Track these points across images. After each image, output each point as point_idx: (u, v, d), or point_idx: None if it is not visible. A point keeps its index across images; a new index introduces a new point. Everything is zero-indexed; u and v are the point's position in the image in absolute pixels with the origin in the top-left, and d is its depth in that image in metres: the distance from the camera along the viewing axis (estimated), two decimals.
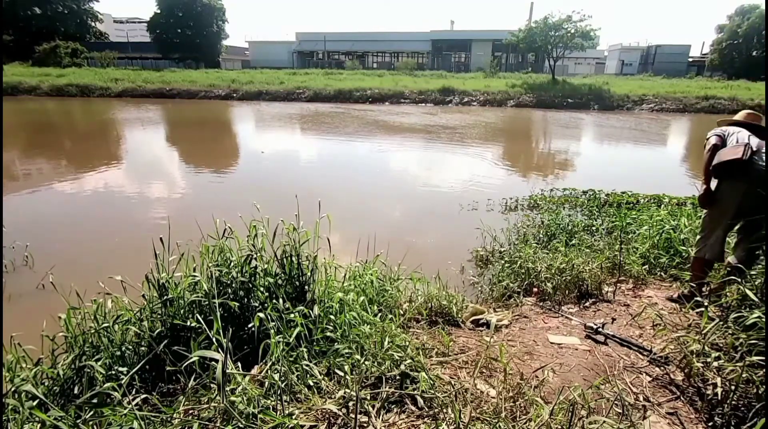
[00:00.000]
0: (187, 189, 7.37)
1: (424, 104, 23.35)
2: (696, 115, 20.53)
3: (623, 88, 24.41)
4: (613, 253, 3.65)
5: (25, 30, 38.70)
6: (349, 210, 6.09)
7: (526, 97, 23.44)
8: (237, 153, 11.34)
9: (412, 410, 1.74)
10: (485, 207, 6.17)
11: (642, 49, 46.89)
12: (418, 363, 1.94)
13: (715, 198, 2.79)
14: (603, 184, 6.60)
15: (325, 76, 30.09)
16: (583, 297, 3.21)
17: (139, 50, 45.30)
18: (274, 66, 41.25)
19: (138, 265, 2.21)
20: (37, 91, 24.75)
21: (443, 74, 32.71)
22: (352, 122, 16.53)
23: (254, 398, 1.62)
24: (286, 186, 7.25)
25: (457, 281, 3.78)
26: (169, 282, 2.08)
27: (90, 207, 6.34)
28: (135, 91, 25.24)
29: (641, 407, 1.92)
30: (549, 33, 24.61)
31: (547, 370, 2.15)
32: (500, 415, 1.66)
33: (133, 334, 2.02)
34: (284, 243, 2.35)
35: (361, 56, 47.26)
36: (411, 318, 2.68)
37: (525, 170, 9.45)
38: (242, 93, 25.31)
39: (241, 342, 2.06)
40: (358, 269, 2.85)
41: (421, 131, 14.64)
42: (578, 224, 4.74)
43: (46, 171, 8.45)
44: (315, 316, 2.11)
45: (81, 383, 1.76)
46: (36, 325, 2.01)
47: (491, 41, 42.07)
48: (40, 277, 3.69)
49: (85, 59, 35.79)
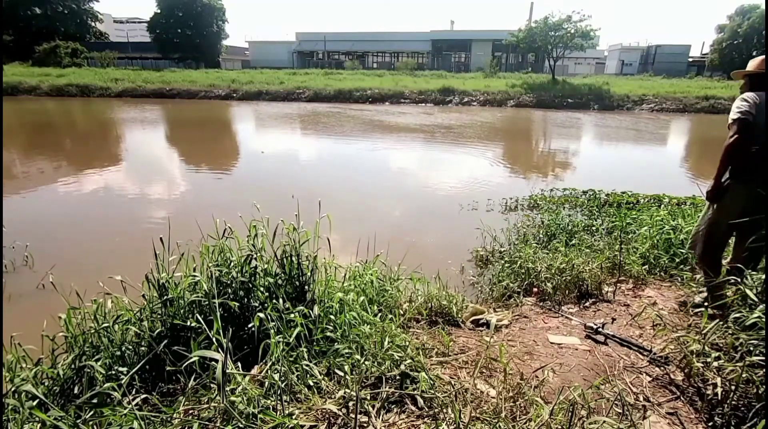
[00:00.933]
0: (187, 189, 7.37)
1: (424, 104, 23.36)
2: (696, 115, 20.54)
3: (623, 88, 24.41)
4: (613, 253, 3.65)
5: (25, 30, 38.71)
6: (348, 210, 6.09)
7: (526, 97, 23.45)
8: (237, 153, 11.34)
9: (412, 410, 1.74)
10: (485, 207, 6.17)
11: (642, 49, 46.86)
12: (418, 363, 1.94)
13: (723, 197, 2.49)
14: (603, 184, 6.60)
15: (325, 76, 30.09)
16: (583, 297, 3.21)
17: (139, 50, 45.32)
18: (274, 66, 41.24)
19: (138, 265, 2.21)
20: (37, 91, 24.75)
21: (443, 74, 32.71)
22: (349, 122, 16.53)
23: (254, 398, 1.62)
24: (286, 186, 7.25)
25: (457, 281, 3.78)
26: (169, 282, 2.08)
27: (90, 207, 6.34)
28: (135, 91, 25.24)
29: (641, 407, 1.92)
30: (549, 33, 24.62)
31: (547, 370, 2.15)
32: (500, 415, 1.66)
33: (133, 334, 2.02)
34: (284, 243, 2.35)
35: (361, 56, 47.27)
36: (411, 318, 2.68)
37: (525, 170, 9.45)
38: (242, 93, 25.31)
39: (241, 342, 2.06)
40: (358, 269, 2.85)
41: (420, 131, 14.64)
42: (578, 224, 4.74)
43: (47, 171, 8.44)
44: (315, 316, 2.11)
45: (81, 383, 1.76)
46: (36, 325, 2.01)
47: (491, 41, 42.07)
48: (40, 277, 3.69)
49: (85, 59, 35.80)
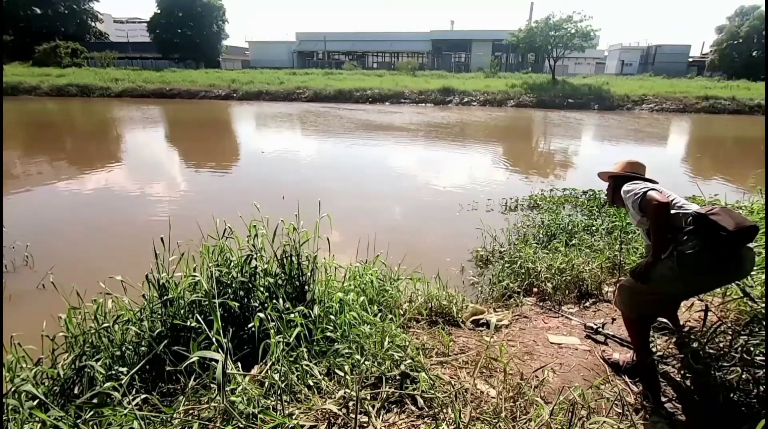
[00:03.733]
0: (187, 189, 7.37)
1: (425, 104, 23.36)
2: (696, 115, 20.54)
3: (623, 88, 24.41)
4: (613, 253, 3.65)
5: (25, 30, 38.69)
6: (348, 209, 6.08)
7: (526, 97, 23.45)
8: (237, 153, 11.34)
9: (412, 410, 1.74)
10: (485, 207, 6.17)
11: (642, 49, 46.86)
12: (418, 363, 1.94)
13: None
14: (603, 184, 6.56)
15: (325, 76, 30.08)
16: (583, 297, 3.21)
17: (139, 50, 45.28)
18: (274, 66, 41.21)
19: (138, 265, 2.21)
20: (37, 91, 24.73)
21: (443, 74, 32.70)
22: (348, 122, 16.53)
23: (254, 398, 1.62)
24: (286, 186, 7.25)
25: (457, 281, 3.78)
26: (169, 282, 2.08)
27: (90, 207, 6.34)
28: (135, 91, 25.22)
29: (641, 407, 1.92)
30: (549, 33, 24.60)
31: (547, 370, 2.15)
32: (500, 415, 1.66)
33: (133, 334, 2.02)
34: (284, 243, 2.35)
35: (361, 56, 47.26)
36: (411, 318, 2.68)
37: (525, 170, 9.45)
38: (242, 93, 25.30)
39: (241, 342, 2.06)
40: (358, 269, 2.85)
41: (420, 131, 14.64)
42: (578, 224, 4.74)
43: (47, 171, 8.44)
44: (315, 316, 2.12)
45: (81, 383, 1.76)
46: (36, 325, 2.01)
47: (491, 41, 42.06)
48: (40, 277, 3.69)
49: (85, 59, 35.76)
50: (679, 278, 1.90)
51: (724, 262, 1.84)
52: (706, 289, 2.17)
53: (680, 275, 1.88)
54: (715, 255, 1.82)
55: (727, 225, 1.77)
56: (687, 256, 1.85)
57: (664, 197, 1.94)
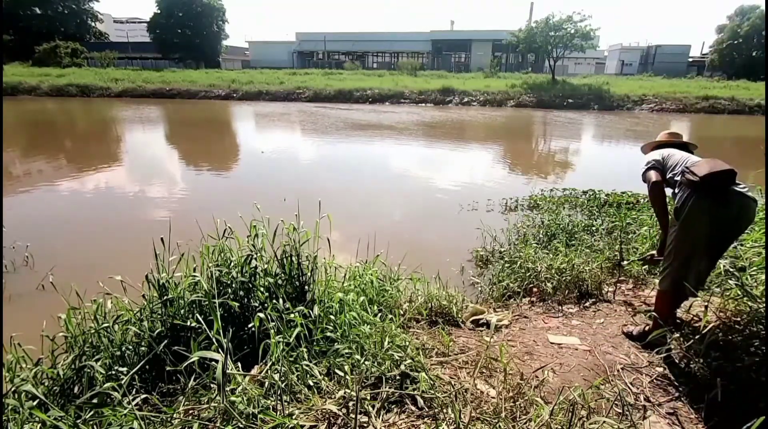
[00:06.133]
0: (187, 189, 7.36)
1: (425, 104, 23.36)
2: (696, 115, 20.55)
3: (623, 88, 24.41)
4: (613, 253, 3.65)
5: (25, 30, 38.68)
6: (348, 209, 6.08)
7: (526, 97, 23.45)
8: (237, 153, 11.34)
9: (412, 410, 1.74)
10: (485, 207, 6.17)
11: (642, 49, 46.87)
12: (418, 363, 1.94)
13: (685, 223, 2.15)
14: (603, 184, 6.61)
15: (325, 77, 30.08)
16: (583, 297, 3.21)
17: (139, 50, 45.29)
18: (274, 66, 41.20)
19: (138, 265, 2.21)
20: (37, 91, 24.73)
21: (443, 74, 32.71)
22: (348, 122, 16.53)
23: (254, 398, 1.62)
24: (286, 185, 7.24)
25: (457, 281, 3.78)
26: (169, 282, 2.08)
27: (90, 207, 6.34)
28: (135, 91, 25.23)
29: (641, 407, 1.92)
30: (549, 33, 24.60)
31: (547, 370, 2.15)
32: (500, 415, 1.66)
33: (133, 334, 2.02)
34: (284, 243, 2.35)
35: (361, 56, 47.27)
36: (411, 318, 2.68)
37: (525, 170, 9.45)
38: (242, 93, 25.30)
39: (241, 342, 2.06)
40: (358, 269, 2.85)
41: (420, 131, 14.64)
42: (578, 224, 4.74)
43: (47, 171, 8.44)
44: (315, 316, 2.11)
45: (81, 383, 1.76)
46: (36, 325, 2.01)
47: (491, 41, 42.06)
48: (40, 277, 3.68)
49: (85, 59, 35.76)
50: (682, 228, 2.12)
51: (716, 207, 2.02)
52: (714, 237, 2.12)
53: (682, 226, 2.12)
54: (701, 200, 2.03)
55: (698, 172, 2.00)
56: (677, 210, 2.11)
57: (656, 176, 2.26)
